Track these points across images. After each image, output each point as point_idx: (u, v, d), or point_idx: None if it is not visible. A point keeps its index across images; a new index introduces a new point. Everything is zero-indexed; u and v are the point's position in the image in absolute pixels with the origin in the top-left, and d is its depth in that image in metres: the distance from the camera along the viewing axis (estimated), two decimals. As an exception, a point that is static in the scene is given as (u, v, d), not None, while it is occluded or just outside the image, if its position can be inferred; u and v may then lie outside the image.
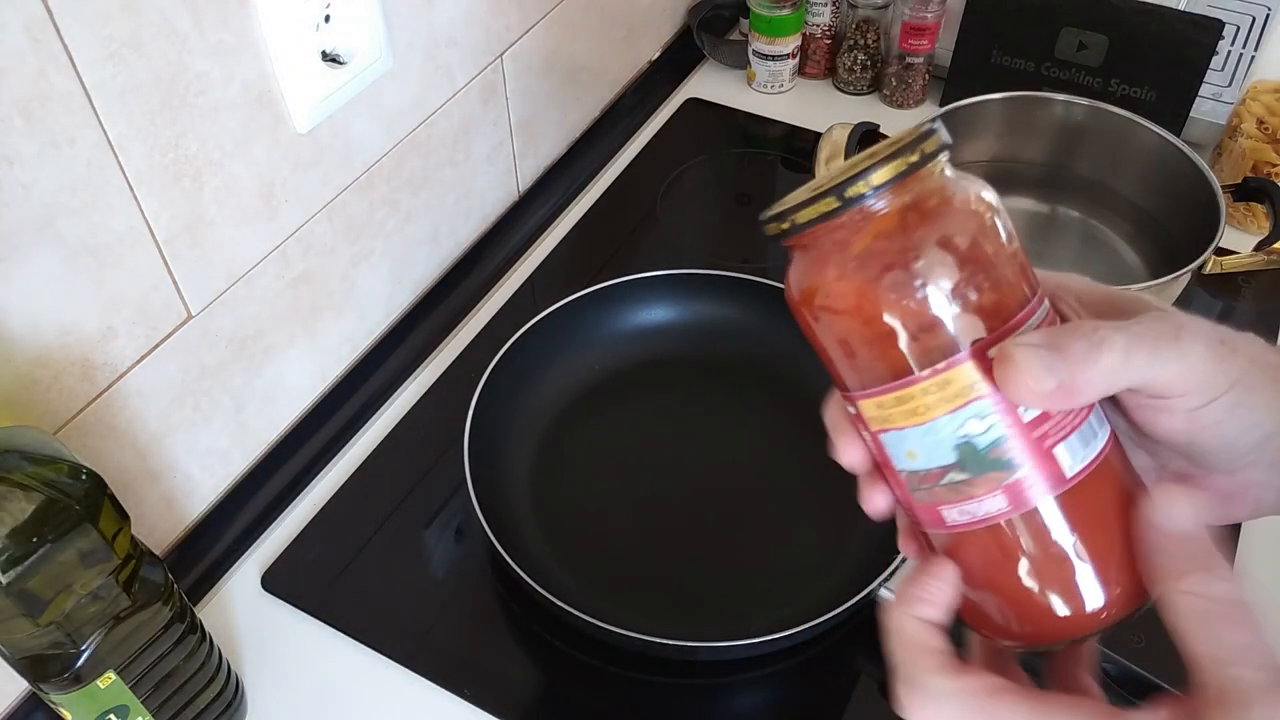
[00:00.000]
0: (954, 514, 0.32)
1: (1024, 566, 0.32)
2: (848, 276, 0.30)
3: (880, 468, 0.34)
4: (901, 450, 0.32)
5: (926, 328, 0.30)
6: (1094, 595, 0.32)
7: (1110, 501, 0.32)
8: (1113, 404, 0.34)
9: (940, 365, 0.30)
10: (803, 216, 0.30)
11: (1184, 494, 0.32)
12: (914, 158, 0.30)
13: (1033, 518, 0.31)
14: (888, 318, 0.30)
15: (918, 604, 0.33)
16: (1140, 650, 0.64)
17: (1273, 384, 0.33)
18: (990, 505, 0.32)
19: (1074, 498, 0.31)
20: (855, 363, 0.32)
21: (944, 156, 0.31)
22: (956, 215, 0.30)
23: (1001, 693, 0.31)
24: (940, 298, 0.30)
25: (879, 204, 0.30)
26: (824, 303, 0.31)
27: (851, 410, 0.33)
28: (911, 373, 0.31)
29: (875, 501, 0.35)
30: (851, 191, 0.29)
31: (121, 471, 0.64)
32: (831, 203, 0.30)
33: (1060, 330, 0.31)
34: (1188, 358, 0.31)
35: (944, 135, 0.31)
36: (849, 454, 0.34)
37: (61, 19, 0.50)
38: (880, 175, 0.29)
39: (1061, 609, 0.32)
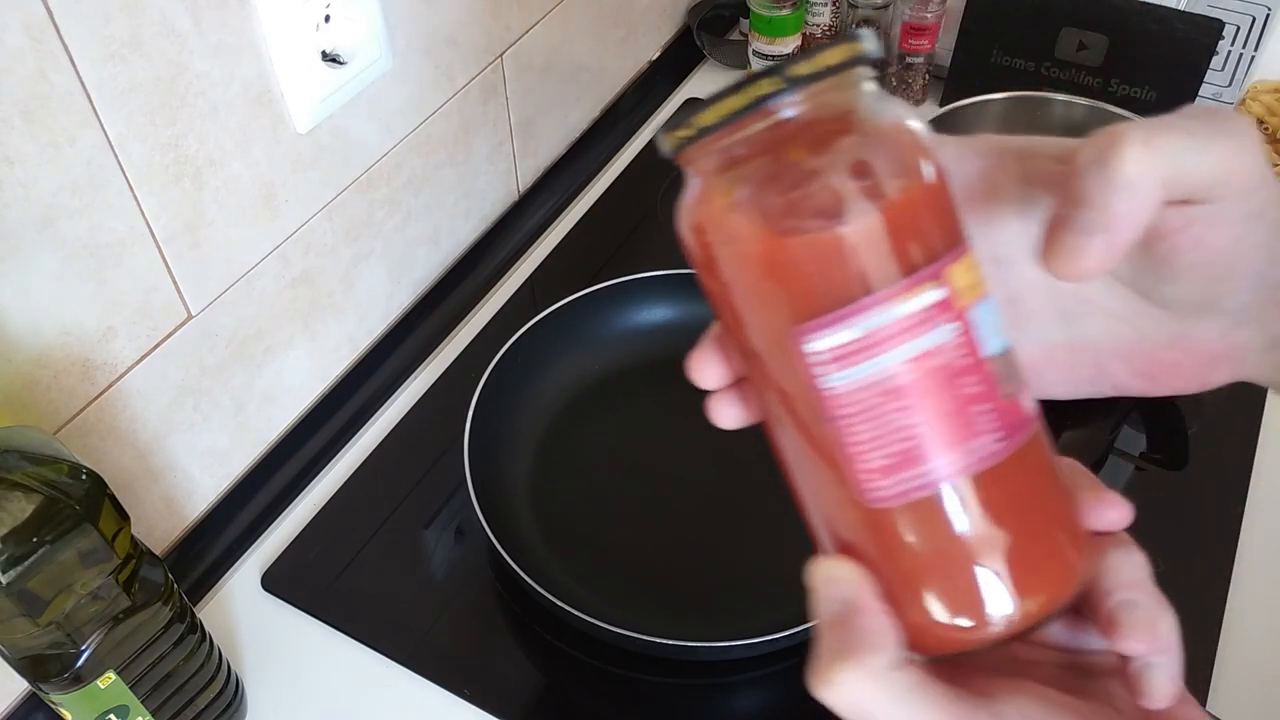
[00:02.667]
0: (1028, 402, 0.28)
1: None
2: (750, 203, 0.26)
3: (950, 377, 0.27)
4: (989, 323, 0.27)
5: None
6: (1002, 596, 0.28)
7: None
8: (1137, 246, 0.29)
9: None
10: (702, 120, 0.26)
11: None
12: (839, 56, 0.26)
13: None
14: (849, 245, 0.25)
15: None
16: (1140, 650, 0.64)
17: None
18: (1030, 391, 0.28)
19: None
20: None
21: (867, 70, 0.27)
22: (881, 135, 0.26)
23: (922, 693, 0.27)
24: (871, 221, 0.25)
25: (790, 110, 0.26)
26: (718, 236, 0.27)
27: (936, 290, 0.26)
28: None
29: (726, 414, 0.32)
30: (759, 89, 0.25)
31: (121, 471, 0.64)
32: (736, 102, 0.26)
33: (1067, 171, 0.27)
34: (1244, 146, 0.27)
35: (871, 45, 0.26)
36: (715, 369, 0.31)
37: (61, 19, 0.50)
38: (797, 70, 0.25)
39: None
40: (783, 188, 0.26)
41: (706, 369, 0.32)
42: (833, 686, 0.27)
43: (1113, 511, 0.30)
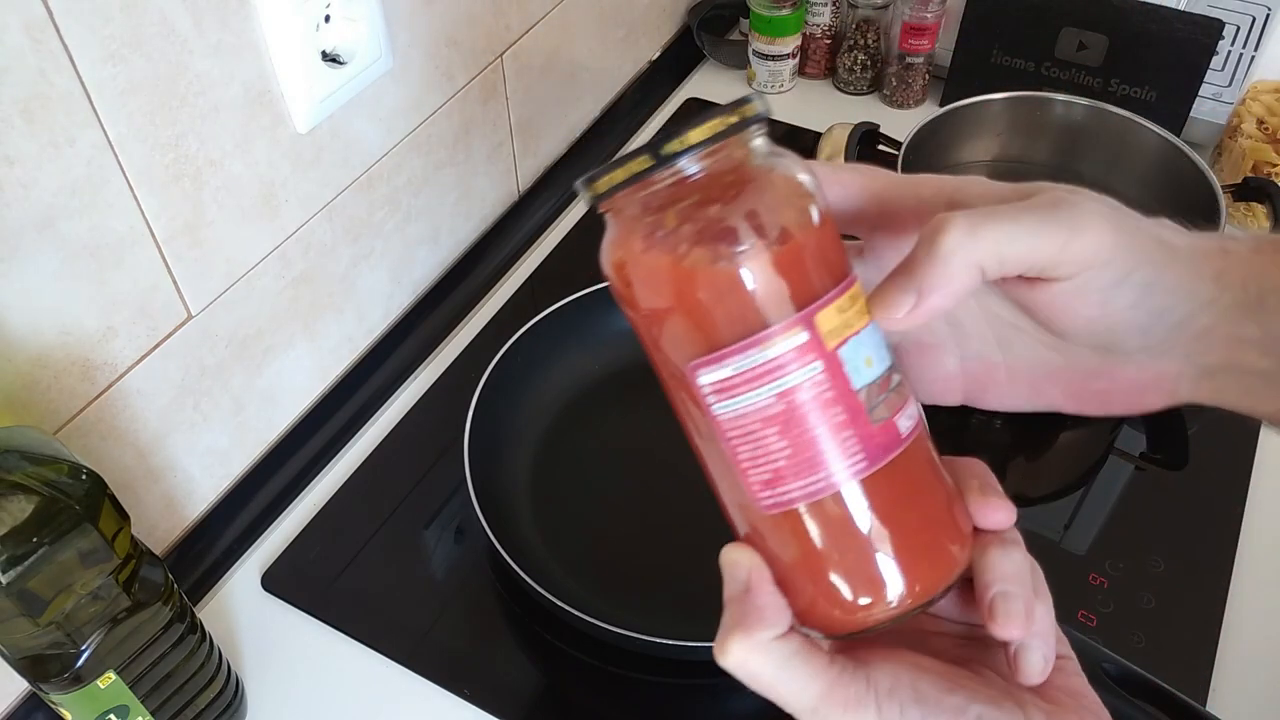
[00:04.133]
0: (904, 421, 0.31)
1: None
2: (656, 247, 0.30)
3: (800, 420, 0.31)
4: (861, 357, 0.31)
5: (738, 298, 0.29)
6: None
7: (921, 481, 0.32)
8: (1021, 300, 0.33)
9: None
10: (617, 177, 0.30)
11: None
12: (732, 119, 0.30)
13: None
14: (700, 293, 0.29)
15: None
16: (1140, 650, 0.64)
17: (1185, 265, 0.33)
18: (913, 410, 0.32)
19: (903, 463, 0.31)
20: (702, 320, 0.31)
21: (758, 129, 0.31)
22: (768, 188, 0.30)
23: (800, 667, 0.31)
24: (750, 269, 0.29)
25: (691, 168, 0.30)
26: (633, 274, 0.31)
27: (802, 334, 0.30)
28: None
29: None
30: (665, 150, 0.29)
31: (121, 471, 0.64)
32: (644, 162, 0.29)
33: (912, 258, 0.31)
34: (1080, 227, 0.30)
35: (760, 107, 0.30)
36: None
37: (61, 19, 0.50)
38: (695, 135, 0.29)
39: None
40: (682, 232, 0.29)
41: None
42: (726, 655, 0.31)
43: (997, 513, 0.33)
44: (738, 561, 0.33)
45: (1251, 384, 0.35)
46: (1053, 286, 0.32)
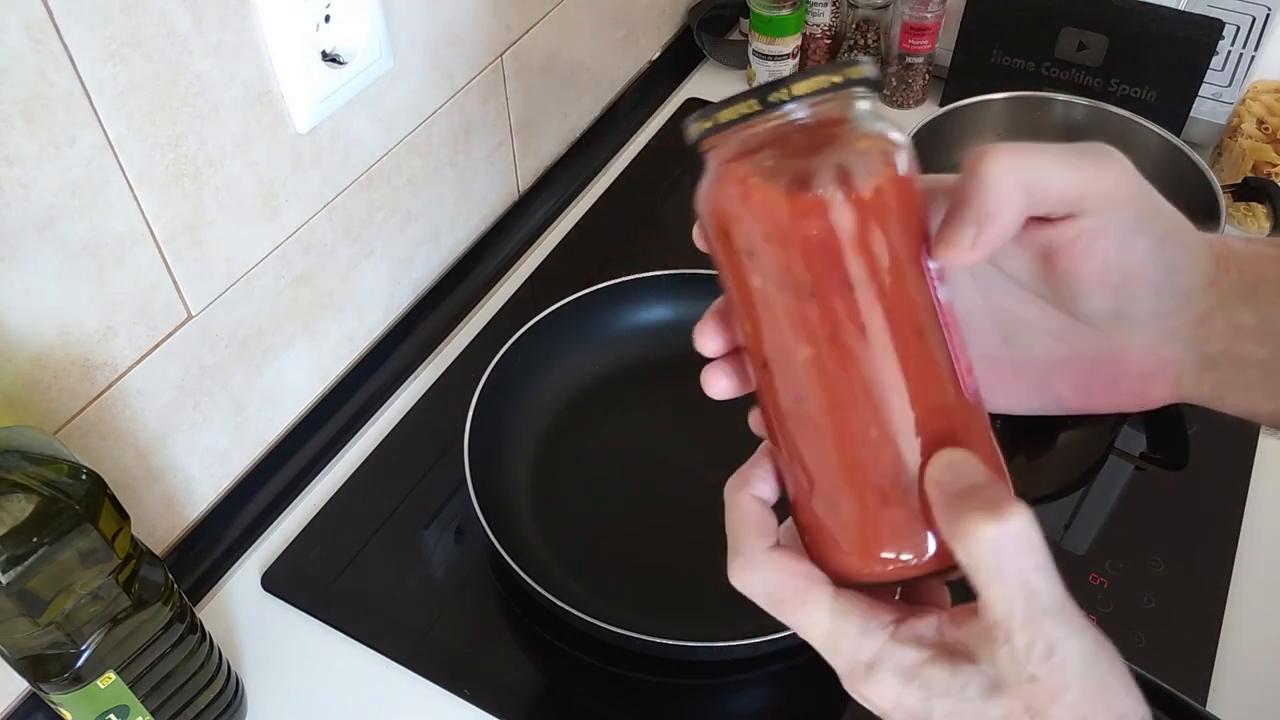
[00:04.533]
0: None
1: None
2: (755, 186, 0.31)
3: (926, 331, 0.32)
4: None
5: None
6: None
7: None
8: (1044, 265, 0.35)
9: None
10: (723, 117, 0.31)
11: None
12: (837, 79, 0.31)
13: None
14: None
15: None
16: (1140, 650, 0.64)
17: (1193, 236, 0.34)
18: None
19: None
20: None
21: (866, 90, 0.32)
22: (863, 145, 0.31)
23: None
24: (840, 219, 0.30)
25: (797, 114, 0.31)
26: (731, 212, 0.32)
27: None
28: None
29: (719, 384, 0.37)
30: (774, 97, 0.31)
31: (121, 471, 0.64)
32: (754, 105, 0.31)
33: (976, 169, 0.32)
34: (1107, 164, 0.32)
35: (870, 70, 0.32)
36: (716, 339, 0.36)
37: (61, 19, 0.50)
38: (802, 86, 0.31)
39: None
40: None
41: (708, 338, 0.36)
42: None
43: None
44: (966, 457, 0.32)
45: (1250, 378, 0.36)
46: (1077, 224, 0.33)
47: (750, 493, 0.35)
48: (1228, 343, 0.36)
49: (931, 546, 0.32)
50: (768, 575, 0.33)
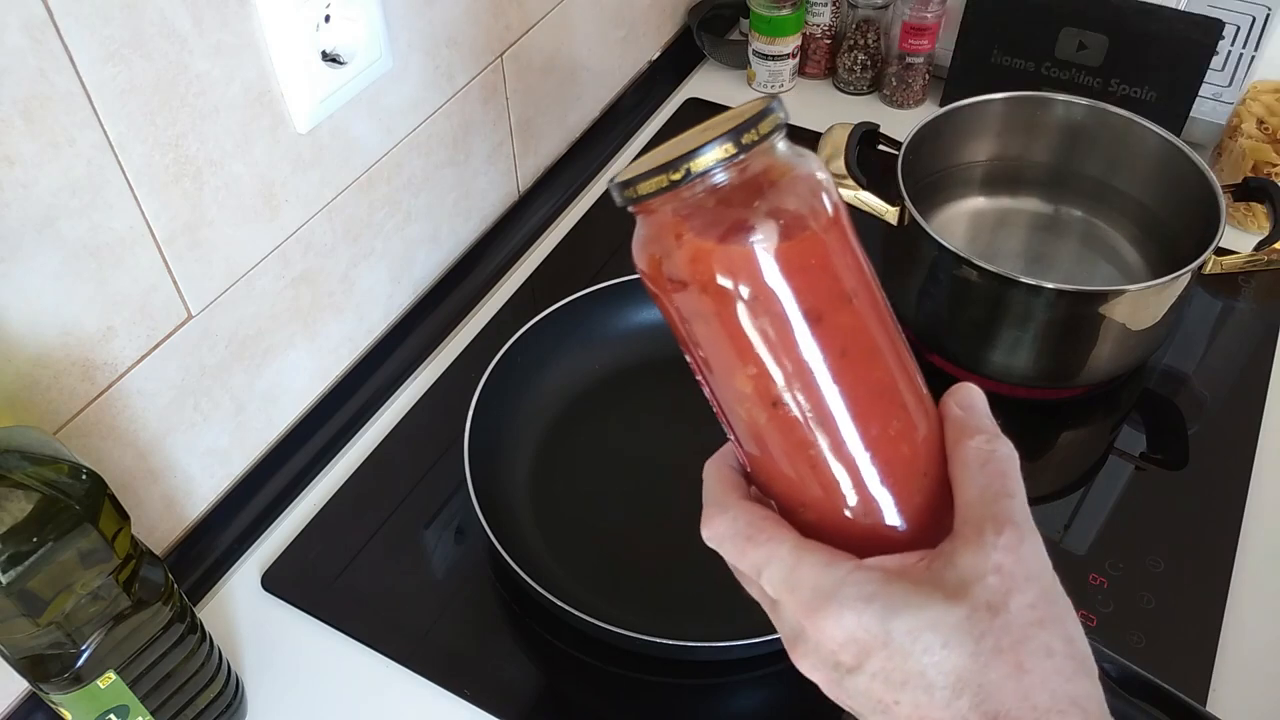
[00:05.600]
0: None
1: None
2: (689, 243, 0.32)
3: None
4: None
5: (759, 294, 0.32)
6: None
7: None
8: None
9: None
10: (645, 188, 0.32)
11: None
12: (752, 137, 0.31)
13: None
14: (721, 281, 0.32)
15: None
16: (1140, 650, 0.64)
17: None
18: None
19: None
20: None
21: (779, 136, 0.33)
22: (788, 190, 0.32)
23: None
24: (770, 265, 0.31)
25: (718, 177, 0.32)
26: (669, 271, 0.32)
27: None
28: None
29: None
30: (692, 166, 0.31)
31: (121, 471, 0.64)
32: (670, 177, 0.31)
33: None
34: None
35: (781, 115, 0.32)
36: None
37: (61, 19, 0.50)
38: (715, 154, 0.31)
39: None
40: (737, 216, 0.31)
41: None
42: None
43: None
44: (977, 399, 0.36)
45: None
46: None
47: (726, 463, 0.37)
48: None
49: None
50: (737, 514, 0.35)
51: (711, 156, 0.31)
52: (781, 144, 0.33)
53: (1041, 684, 0.30)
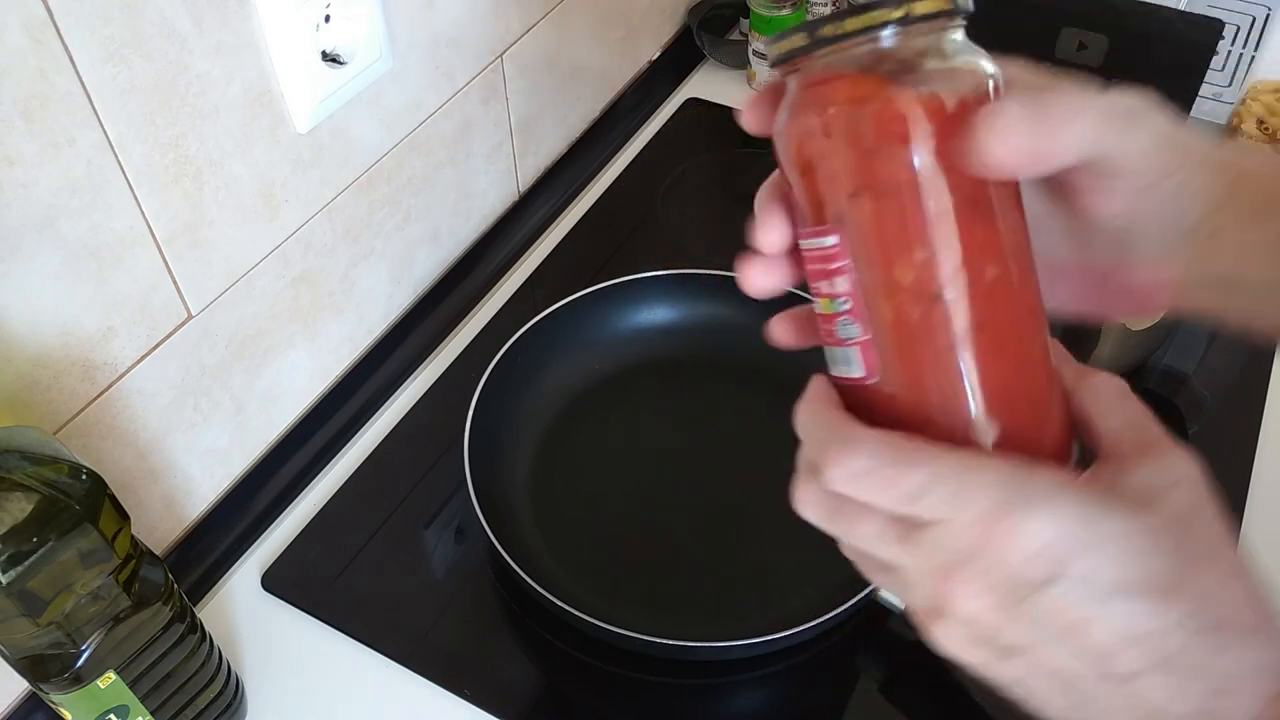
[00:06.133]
0: None
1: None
2: (896, 97, 0.30)
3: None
4: None
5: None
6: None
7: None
8: (1058, 192, 0.35)
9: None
10: (853, 25, 0.30)
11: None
12: (967, 5, 0.31)
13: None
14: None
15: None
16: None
17: (1209, 171, 0.34)
18: None
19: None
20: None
21: (960, 20, 0.31)
22: (956, 75, 0.31)
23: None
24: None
25: (943, 34, 0.31)
26: (852, 130, 0.30)
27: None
28: None
29: (762, 281, 0.36)
30: (914, 9, 0.30)
31: (121, 471, 0.64)
32: (892, 14, 0.30)
33: (1039, 98, 0.31)
34: (1149, 136, 0.33)
35: (968, 3, 0.31)
36: (775, 232, 0.35)
37: (61, 19, 0.50)
38: (939, 3, 0.30)
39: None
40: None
41: (771, 230, 0.35)
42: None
43: None
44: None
45: (1253, 294, 0.36)
46: (1092, 176, 0.33)
47: (824, 400, 0.34)
48: (1234, 261, 0.35)
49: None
50: (873, 442, 0.31)
51: (935, 4, 0.30)
52: (958, 33, 0.32)
53: (1247, 597, 0.29)
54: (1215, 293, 0.37)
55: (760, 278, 0.36)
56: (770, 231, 0.35)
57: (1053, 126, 0.30)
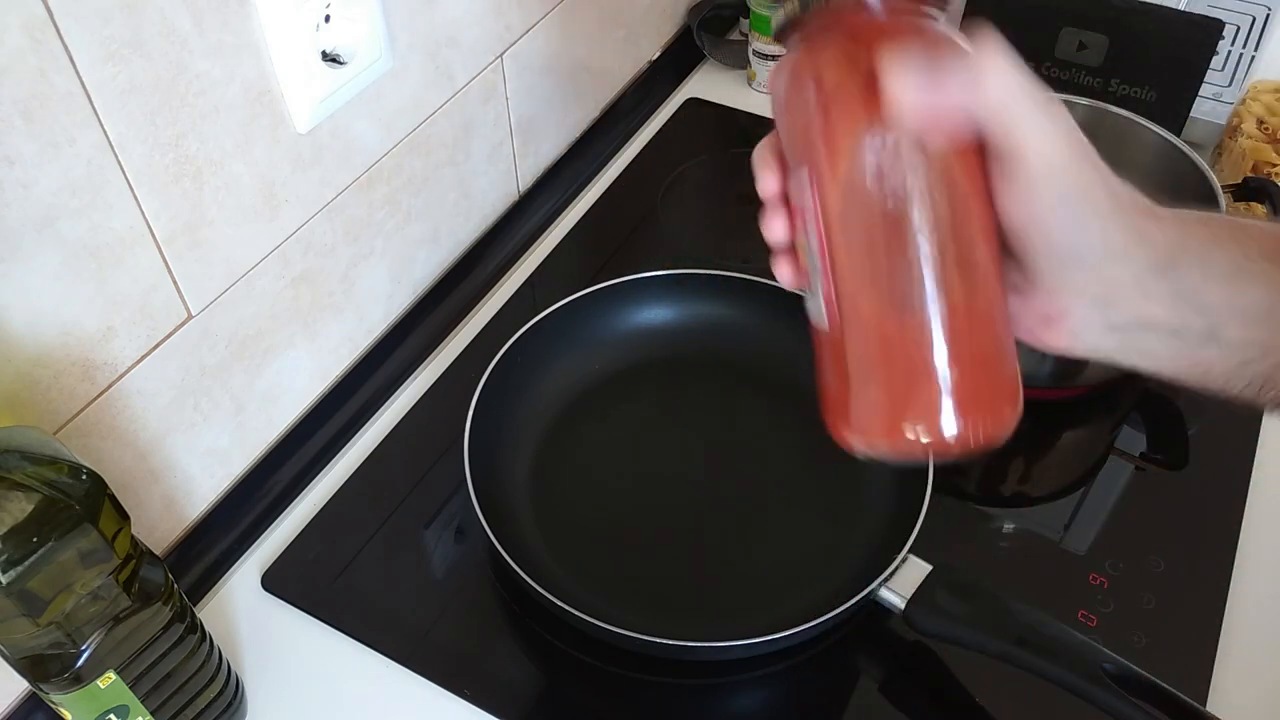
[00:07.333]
0: None
1: None
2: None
3: None
4: None
5: None
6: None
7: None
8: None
9: None
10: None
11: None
12: None
13: None
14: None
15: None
16: (1140, 650, 0.64)
17: (1119, 208, 0.35)
18: None
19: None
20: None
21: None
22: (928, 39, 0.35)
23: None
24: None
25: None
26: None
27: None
28: None
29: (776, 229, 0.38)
30: None
31: (121, 471, 0.64)
32: None
33: (951, 54, 0.34)
34: (1056, 125, 0.34)
35: None
36: (772, 182, 0.38)
37: (61, 19, 0.50)
38: None
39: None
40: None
41: (763, 181, 0.38)
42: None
43: None
44: None
45: (1154, 343, 0.37)
46: (1001, 177, 0.35)
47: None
48: (1136, 309, 0.36)
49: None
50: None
51: None
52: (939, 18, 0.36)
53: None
54: (1116, 339, 0.37)
55: (785, 270, 0.39)
56: (762, 182, 0.38)
57: (948, 78, 0.33)
